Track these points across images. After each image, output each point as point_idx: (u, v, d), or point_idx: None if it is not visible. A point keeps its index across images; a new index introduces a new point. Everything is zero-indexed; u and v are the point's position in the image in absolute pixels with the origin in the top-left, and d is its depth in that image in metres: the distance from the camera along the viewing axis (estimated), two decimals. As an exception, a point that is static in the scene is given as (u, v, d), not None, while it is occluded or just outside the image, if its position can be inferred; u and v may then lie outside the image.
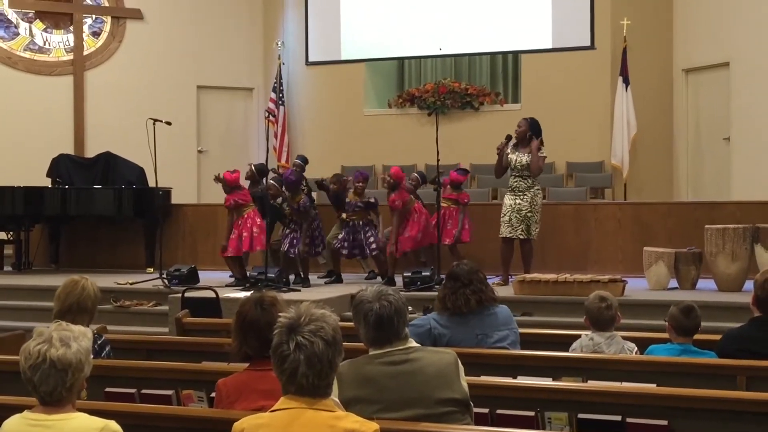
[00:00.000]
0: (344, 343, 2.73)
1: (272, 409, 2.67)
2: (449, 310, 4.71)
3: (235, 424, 2.69)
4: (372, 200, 9.44)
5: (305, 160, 10.22)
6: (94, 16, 13.97)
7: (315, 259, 9.95)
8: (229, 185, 9.46)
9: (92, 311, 4.32)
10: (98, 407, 3.36)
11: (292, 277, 9.45)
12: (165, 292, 8.99)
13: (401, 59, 14.47)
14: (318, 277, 9.86)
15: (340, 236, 9.52)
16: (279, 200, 9.54)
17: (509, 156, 8.85)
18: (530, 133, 8.81)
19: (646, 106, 12.58)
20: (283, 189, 9.34)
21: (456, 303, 4.68)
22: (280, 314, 2.76)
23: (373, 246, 9.33)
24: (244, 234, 9.33)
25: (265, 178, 9.76)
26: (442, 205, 9.38)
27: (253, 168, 10.12)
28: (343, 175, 10.61)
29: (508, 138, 8.91)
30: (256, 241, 9.37)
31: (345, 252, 9.45)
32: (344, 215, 9.53)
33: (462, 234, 9.56)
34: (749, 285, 6.41)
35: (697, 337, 4.75)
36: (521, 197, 8.76)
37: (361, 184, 9.42)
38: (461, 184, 9.84)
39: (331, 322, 2.69)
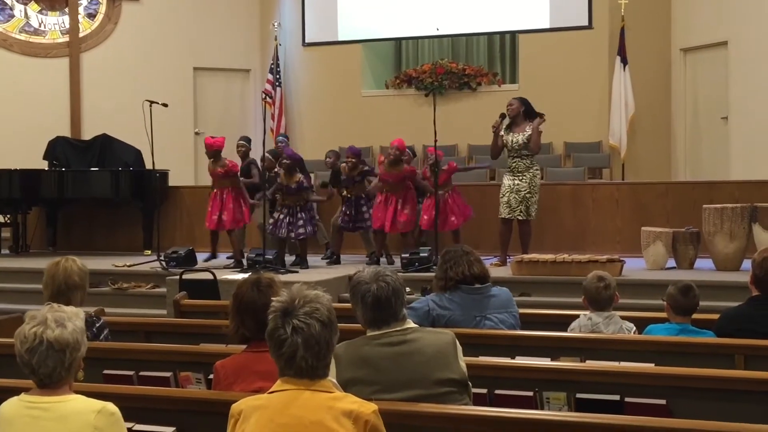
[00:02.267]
0: (342, 325, 2.73)
1: (270, 391, 2.66)
2: (453, 281, 4.66)
3: (233, 405, 2.69)
4: (367, 168, 9.59)
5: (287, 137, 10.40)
6: (89, -2, 13.91)
7: (315, 240, 10.00)
8: (211, 150, 9.60)
9: (83, 286, 4.31)
10: (96, 389, 3.36)
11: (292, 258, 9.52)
12: (163, 274, 8.99)
13: (398, 40, 14.41)
14: (322, 258, 9.90)
15: (340, 213, 9.59)
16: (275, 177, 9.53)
17: (504, 137, 8.83)
18: (523, 108, 8.80)
19: (644, 86, 12.55)
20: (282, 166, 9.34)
21: (459, 270, 4.65)
22: (273, 298, 2.74)
23: (368, 223, 9.47)
24: (225, 214, 9.54)
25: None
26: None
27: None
28: (337, 152, 10.61)
29: (502, 116, 8.87)
30: (239, 220, 9.68)
31: (349, 226, 9.54)
32: (345, 191, 9.57)
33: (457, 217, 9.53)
34: (747, 264, 6.43)
35: (695, 316, 4.75)
36: (520, 178, 8.75)
37: (351, 159, 9.49)
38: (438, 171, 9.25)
39: (325, 302, 2.68)
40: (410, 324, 3.43)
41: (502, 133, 8.85)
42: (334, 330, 2.68)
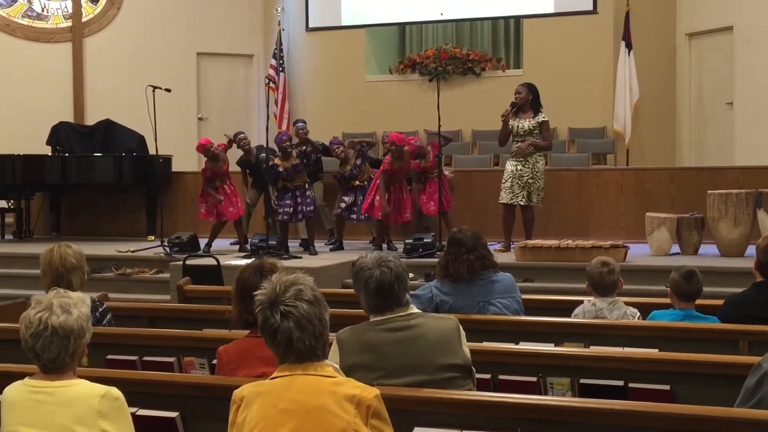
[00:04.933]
0: (345, 310, 2.72)
1: (272, 377, 2.66)
2: (451, 277, 4.69)
3: (235, 391, 2.68)
4: (358, 147, 9.60)
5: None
6: (92, -18, 13.86)
7: (321, 224, 10.02)
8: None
9: (81, 267, 4.30)
10: (100, 374, 3.36)
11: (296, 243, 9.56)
12: (166, 259, 9.02)
13: (402, 25, 14.37)
14: (325, 244, 9.90)
15: (343, 203, 9.57)
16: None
17: (510, 123, 8.81)
18: (531, 97, 8.78)
19: (648, 71, 12.50)
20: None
21: (458, 269, 4.65)
22: (255, 293, 2.73)
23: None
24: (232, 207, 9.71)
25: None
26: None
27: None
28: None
29: (513, 105, 8.84)
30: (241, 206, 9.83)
31: (352, 217, 9.59)
32: (356, 182, 9.54)
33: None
34: (751, 250, 6.40)
35: (699, 302, 4.74)
36: (523, 163, 8.73)
37: (340, 149, 9.57)
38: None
39: (307, 282, 2.69)
40: (413, 309, 3.42)
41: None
42: (323, 306, 2.68)
